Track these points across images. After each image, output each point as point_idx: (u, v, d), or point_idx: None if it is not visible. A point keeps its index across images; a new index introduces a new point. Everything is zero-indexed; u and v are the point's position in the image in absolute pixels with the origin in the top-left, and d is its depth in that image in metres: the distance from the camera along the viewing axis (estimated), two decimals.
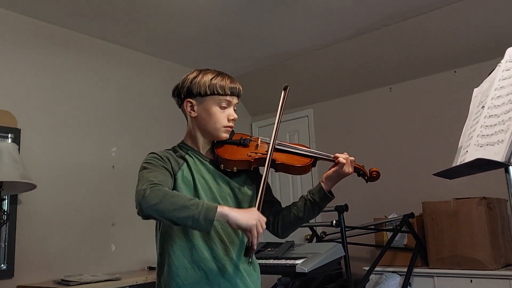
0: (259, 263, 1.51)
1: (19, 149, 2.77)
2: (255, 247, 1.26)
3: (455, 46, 3.37)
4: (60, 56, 3.27)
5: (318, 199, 1.43)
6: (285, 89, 1.55)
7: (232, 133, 1.49)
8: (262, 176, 1.50)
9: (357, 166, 1.47)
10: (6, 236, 2.77)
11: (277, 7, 3.13)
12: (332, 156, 1.45)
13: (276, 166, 1.44)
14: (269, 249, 2.73)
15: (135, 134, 3.68)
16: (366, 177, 1.49)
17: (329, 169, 1.45)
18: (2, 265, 2.74)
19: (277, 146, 1.47)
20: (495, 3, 3.03)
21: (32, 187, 2.69)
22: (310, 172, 1.56)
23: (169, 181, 1.32)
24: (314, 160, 1.46)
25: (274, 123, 1.50)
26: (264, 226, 1.25)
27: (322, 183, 1.45)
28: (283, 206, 1.56)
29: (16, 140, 2.88)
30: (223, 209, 1.21)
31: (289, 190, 4.35)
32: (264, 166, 1.40)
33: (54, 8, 3.03)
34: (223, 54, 3.93)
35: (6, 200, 2.78)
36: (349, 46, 3.73)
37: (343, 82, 4.04)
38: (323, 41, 3.73)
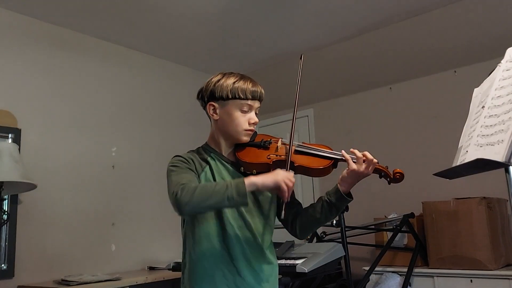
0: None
1: (19, 149, 2.77)
2: (287, 200, 1.31)
3: (455, 45, 3.37)
4: (60, 56, 3.27)
5: (335, 201, 1.43)
6: (300, 58, 1.56)
7: (254, 135, 1.50)
8: None
9: (378, 167, 1.41)
10: (7, 236, 2.77)
11: (277, 7, 3.13)
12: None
13: (295, 168, 1.43)
14: None
15: (135, 134, 3.68)
16: (388, 179, 1.44)
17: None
18: (3, 265, 2.74)
19: (297, 148, 1.47)
20: (495, 2, 3.02)
21: (32, 187, 2.69)
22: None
23: (196, 180, 1.38)
24: (335, 161, 1.43)
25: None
26: (293, 179, 1.30)
27: (338, 184, 1.43)
28: None
29: (17, 140, 2.88)
30: (249, 180, 1.27)
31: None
32: (283, 168, 1.40)
33: (54, 8, 3.03)
34: (224, 54, 3.93)
35: (7, 200, 2.78)
36: (349, 46, 3.73)
37: (343, 82, 4.04)
38: (323, 41, 3.73)
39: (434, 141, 3.49)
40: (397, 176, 1.43)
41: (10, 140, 2.86)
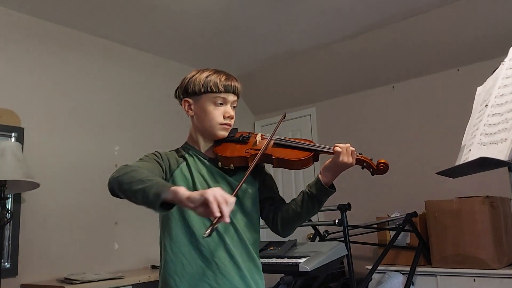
0: (261, 262, 1.50)
1: (22, 148, 2.78)
2: (214, 218, 1.07)
3: (458, 44, 3.36)
4: (63, 55, 3.28)
5: (315, 192, 1.36)
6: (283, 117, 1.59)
7: (234, 131, 1.48)
8: (265, 173, 1.51)
9: (361, 158, 1.37)
10: (10, 234, 2.78)
11: (279, 6, 3.13)
12: (332, 148, 1.37)
13: (272, 161, 1.40)
14: (271, 248, 2.73)
15: (138, 133, 3.69)
16: (371, 169, 1.37)
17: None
18: (6, 263, 2.75)
19: (276, 141, 1.44)
20: (498, 1, 3.01)
21: (35, 186, 2.69)
22: (313, 168, 1.53)
23: (156, 172, 1.32)
24: (315, 153, 1.39)
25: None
26: (231, 200, 1.09)
27: (319, 175, 1.37)
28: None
29: (20, 139, 2.89)
30: (176, 188, 1.12)
31: (292, 187, 4.35)
32: (263, 162, 1.39)
33: (56, 7, 3.03)
34: (226, 53, 3.93)
35: (10, 199, 2.80)
36: (352, 45, 3.73)
37: (346, 81, 4.04)
38: (325, 40, 3.72)
39: (437, 140, 3.48)
40: (381, 167, 1.35)
41: (13, 139, 2.86)
